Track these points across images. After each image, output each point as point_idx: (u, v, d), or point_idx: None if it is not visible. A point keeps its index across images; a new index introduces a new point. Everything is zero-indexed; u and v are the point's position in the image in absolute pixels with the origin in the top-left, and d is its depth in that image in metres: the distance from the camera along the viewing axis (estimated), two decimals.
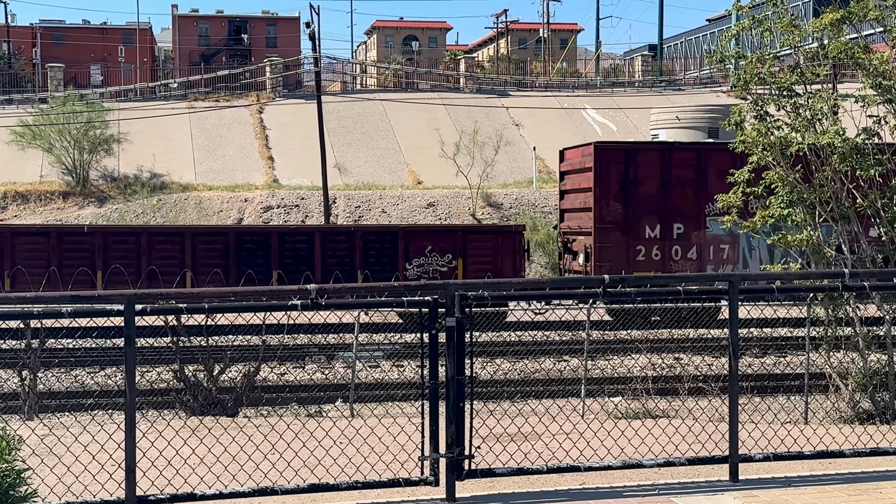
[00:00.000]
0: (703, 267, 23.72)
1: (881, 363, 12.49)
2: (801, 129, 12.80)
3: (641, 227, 24.06)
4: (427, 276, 24.05)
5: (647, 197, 24.06)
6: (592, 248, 24.03)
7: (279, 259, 23.89)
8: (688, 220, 24.01)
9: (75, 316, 6.30)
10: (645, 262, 23.86)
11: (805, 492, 6.74)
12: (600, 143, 26.02)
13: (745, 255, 24.07)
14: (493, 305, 20.23)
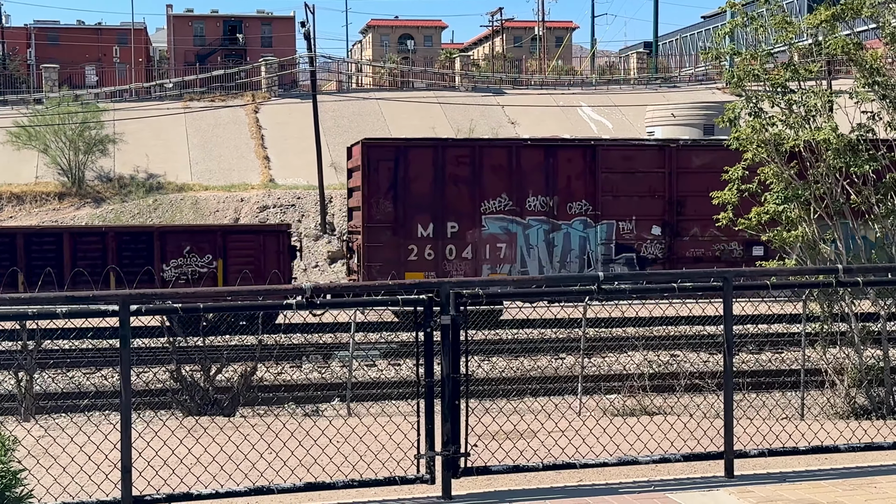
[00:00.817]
0: (478, 266, 23.12)
1: (876, 359, 12.51)
2: (795, 125, 12.82)
3: (414, 226, 23.35)
4: (185, 277, 23.18)
5: (419, 195, 23.36)
6: (362, 247, 23.37)
7: (26, 260, 22.66)
8: (462, 219, 23.39)
9: (70, 317, 6.30)
10: (417, 262, 23.20)
11: (800, 487, 6.76)
12: (369, 139, 25.29)
13: (522, 255, 23.57)
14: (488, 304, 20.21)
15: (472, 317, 7.82)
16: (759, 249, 22.73)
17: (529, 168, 23.47)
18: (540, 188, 23.44)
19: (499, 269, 23.19)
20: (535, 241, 23.30)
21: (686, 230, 23.57)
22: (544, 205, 23.45)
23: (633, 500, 6.52)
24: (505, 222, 23.36)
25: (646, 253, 23.44)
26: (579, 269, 23.30)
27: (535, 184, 23.45)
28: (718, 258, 23.28)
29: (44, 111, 47.49)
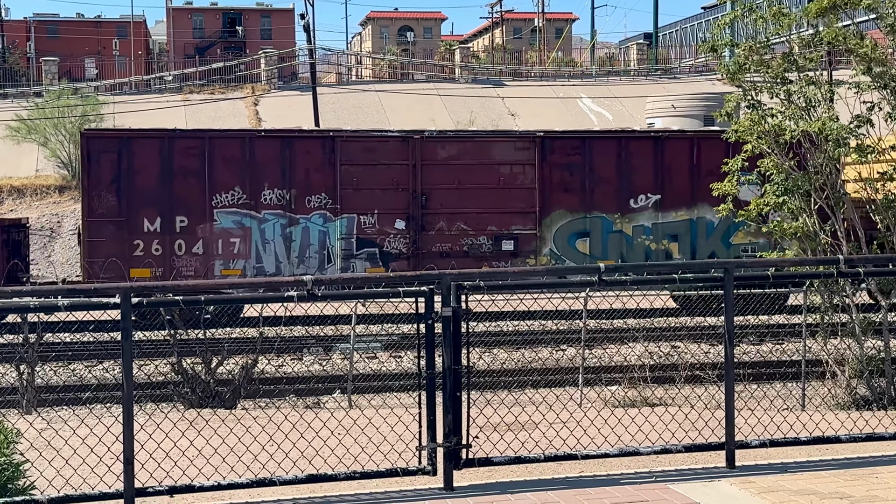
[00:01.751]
0: (210, 262, 22.38)
1: (877, 349, 12.52)
2: (794, 116, 12.81)
3: (139, 221, 22.37)
4: None
5: (145, 188, 22.41)
6: (83, 243, 22.49)
7: None
8: (193, 213, 22.48)
9: (71, 309, 6.31)
10: (143, 257, 22.28)
11: (801, 477, 6.77)
12: (89, 130, 23.91)
13: (258, 250, 22.69)
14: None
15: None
16: (509, 244, 22.65)
17: (265, 160, 22.69)
18: (276, 181, 22.64)
19: (232, 265, 22.46)
20: (272, 235, 22.57)
21: (432, 224, 22.88)
22: (281, 198, 22.64)
23: (634, 490, 6.53)
24: (239, 216, 22.55)
25: (389, 248, 22.78)
26: (319, 264, 22.58)
27: (271, 177, 22.66)
28: (467, 253, 22.72)
29: (43, 104, 47.42)
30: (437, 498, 6.44)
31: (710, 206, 22.31)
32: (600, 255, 22.86)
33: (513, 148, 23.17)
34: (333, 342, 19.16)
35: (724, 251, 22.90)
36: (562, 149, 23.09)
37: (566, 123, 49.77)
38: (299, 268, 22.31)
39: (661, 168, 23.09)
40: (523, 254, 22.84)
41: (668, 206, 23.11)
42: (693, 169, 22.98)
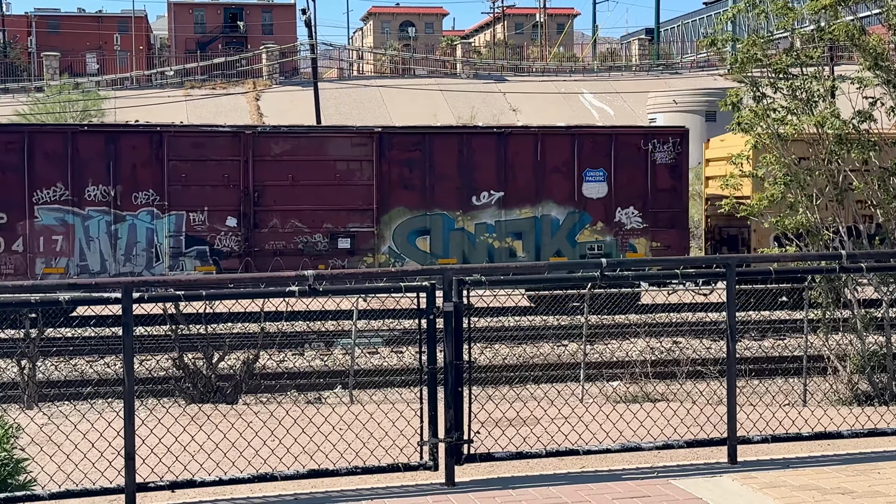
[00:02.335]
0: (31, 260, 21.64)
1: (879, 345, 12.51)
2: (797, 111, 12.79)
3: None
4: None
5: None
6: None
7: None
8: (13, 210, 21.67)
9: (73, 304, 6.30)
10: None
11: (803, 472, 6.76)
12: None
13: (82, 248, 21.97)
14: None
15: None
16: (345, 242, 22.35)
17: (89, 156, 22.01)
18: (101, 177, 21.99)
19: (55, 263, 21.81)
20: (96, 233, 21.95)
21: (265, 222, 22.37)
22: (106, 195, 21.98)
23: (636, 486, 6.52)
24: (61, 213, 21.87)
25: (220, 245, 22.24)
26: (146, 262, 22.04)
27: (95, 173, 21.98)
28: (302, 251, 22.32)
29: (45, 99, 47.44)
30: (438, 493, 6.44)
31: (556, 203, 22.63)
32: (441, 253, 22.45)
33: (349, 144, 22.60)
34: (335, 337, 19.15)
35: (570, 249, 22.65)
36: (401, 144, 22.64)
37: (568, 118, 49.76)
38: (125, 266, 21.75)
39: (504, 165, 22.63)
40: (360, 252, 22.42)
41: (511, 204, 22.67)
42: (537, 166, 22.65)
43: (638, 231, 22.86)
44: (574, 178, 22.75)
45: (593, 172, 22.81)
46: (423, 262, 22.03)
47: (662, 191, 22.88)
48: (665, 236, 22.87)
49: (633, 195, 22.85)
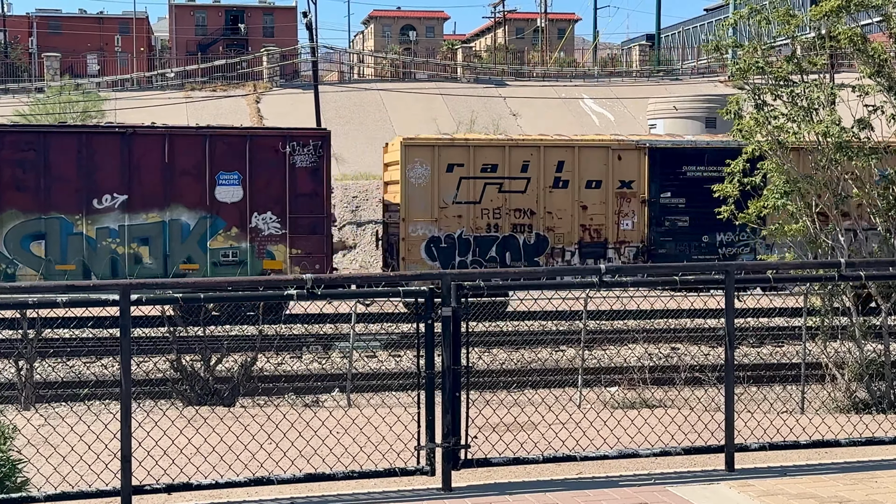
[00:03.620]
0: None
1: (877, 353, 12.50)
2: (797, 118, 12.79)
3: None
4: None
5: None
6: None
7: None
8: None
9: (70, 306, 6.29)
10: None
11: (801, 481, 6.74)
12: None
13: None
14: (490, 295, 20.07)
15: (473, 308, 7.80)
16: None
17: None
18: None
19: None
20: None
21: None
22: None
23: (633, 493, 6.51)
24: None
25: None
26: None
27: None
28: None
29: (45, 100, 47.44)
30: (435, 498, 6.42)
31: (186, 207, 21.87)
32: (59, 258, 21.62)
33: None
34: (333, 341, 19.14)
35: (202, 255, 22.02)
36: (14, 144, 21.58)
37: (568, 124, 49.76)
38: None
39: (129, 166, 21.73)
40: None
41: (137, 208, 21.78)
42: (166, 168, 21.81)
43: (276, 237, 22.13)
44: (206, 182, 21.93)
45: (227, 175, 22.15)
46: (37, 268, 21.22)
47: (303, 196, 22.19)
48: (306, 243, 22.17)
49: (271, 200, 22.12)
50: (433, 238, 22.51)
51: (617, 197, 23.09)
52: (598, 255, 23.01)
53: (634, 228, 23.19)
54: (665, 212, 23.29)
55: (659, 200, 23.21)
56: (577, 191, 22.95)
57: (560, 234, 23.00)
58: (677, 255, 23.01)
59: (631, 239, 23.20)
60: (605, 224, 23.06)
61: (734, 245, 23.37)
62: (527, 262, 22.70)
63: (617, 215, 23.09)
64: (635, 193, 23.15)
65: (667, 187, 23.28)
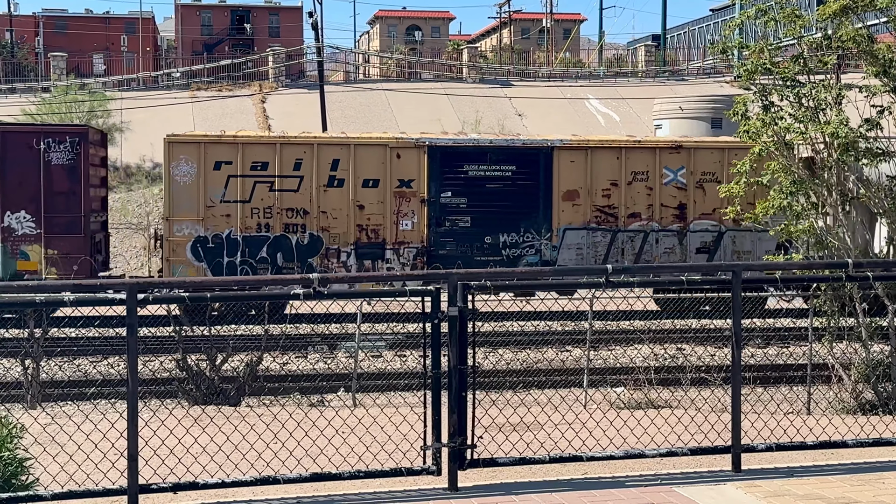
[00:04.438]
0: None
1: (884, 354, 12.48)
2: (804, 119, 12.78)
3: None
4: None
5: None
6: None
7: None
8: None
9: (77, 304, 6.29)
10: None
11: (808, 482, 6.73)
12: None
13: None
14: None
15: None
16: None
17: None
18: None
19: None
20: None
21: None
22: None
23: (639, 493, 6.50)
24: None
25: None
26: None
27: None
28: None
29: (51, 99, 47.51)
30: (441, 498, 6.42)
31: None
32: None
33: None
34: (338, 340, 19.15)
35: None
36: None
37: (574, 124, 49.75)
38: None
39: None
40: None
41: None
42: None
43: (31, 237, 21.44)
44: None
45: None
46: None
47: (60, 194, 21.52)
48: (63, 243, 21.44)
49: (25, 198, 21.36)
50: (200, 238, 21.82)
51: (396, 196, 22.40)
52: (377, 256, 22.45)
53: (414, 229, 22.50)
54: (446, 212, 22.57)
55: (439, 200, 22.49)
56: (354, 190, 22.27)
57: (335, 234, 22.36)
58: (458, 257, 22.45)
59: (410, 239, 22.51)
60: (384, 224, 22.39)
61: (518, 246, 22.78)
62: (300, 264, 22.03)
63: (396, 215, 22.38)
64: (415, 193, 22.46)
65: (448, 187, 22.59)
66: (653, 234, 23.00)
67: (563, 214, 22.82)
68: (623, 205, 22.95)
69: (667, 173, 23.03)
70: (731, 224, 22.54)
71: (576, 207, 22.87)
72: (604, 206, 22.96)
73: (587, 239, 22.91)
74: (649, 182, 23.00)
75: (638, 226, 23.00)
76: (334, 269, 22.30)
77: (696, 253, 23.15)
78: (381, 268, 22.32)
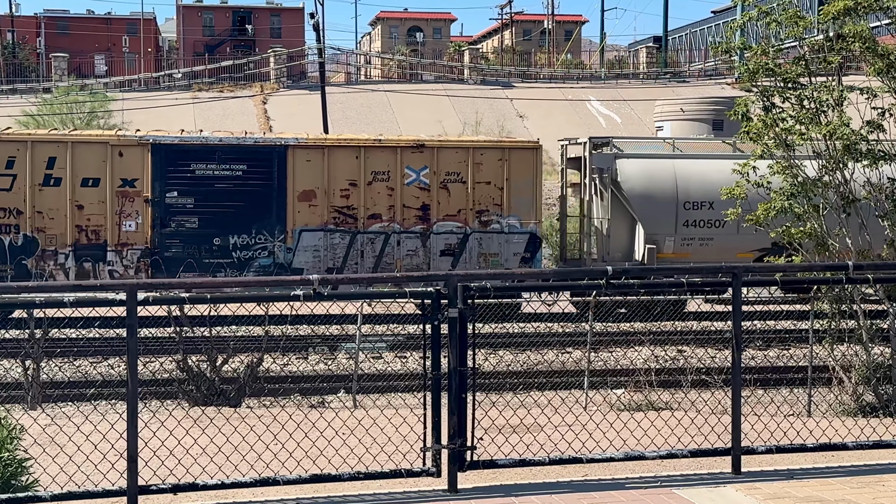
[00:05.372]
0: None
1: (885, 356, 12.47)
2: (805, 120, 12.77)
3: None
4: None
5: None
6: None
7: None
8: None
9: (77, 305, 6.29)
10: None
11: (808, 484, 6.72)
12: None
13: None
14: (497, 297, 19.94)
15: (481, 309, 7.79)
16: None
17: None
18: None
19: None
20: None
21: None
22: None
23: (639, 495, 6.49)
24: None
25: None
26: None
27: None
28: None
29: (52, 100, 47.53)
30: (440, 500, 6.42)
31: None
32: None
33: None
34: (339, 342, 19.14)
35: None
36: None
37: (575, 126, 49.75)
38: None
39: None
40: None
41: None
42: None
43: None
44: None
45: None
46: None
47: None
48: None
49: None
50: None
51: (118, 196, 21.57)
52: (98, 257, 21.60)
53: (138, 230, 21.74)
54: (172, 212, 21.82)
55: (164, 200, 21.74)
56: (72, 189, 21.34)
57: (52, 235, 21.44)
58: (185, 259, 21.75)
59: (134, 241, 21.73)
60: (105, 225, 21.54)
61: (250, 248, 22.20)
62: (13, 266, 21.23)
63: (118, 216, 21.59)
64: (139, 192, 21.69)
65: (173, 186, 21.79)
66: (395, 236, 22.35)
67: (298, 215, 22.15)
68: (363, 206, 22.28)
69: (409, 173, 22.35)
70: (476, 226, 22.35)
71: (312, 208, 22.21)
72: (342, 206, 22.29)
73: (325, 241, 22.22)
74: (391, 182, 22.33)
75: (379, 227, 22.36)
76: (51, 271, 21.41)
77: (441, 255, 22.46)
78: (103, 270, 21.54)
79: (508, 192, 22.72)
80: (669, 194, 23.27)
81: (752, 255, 23.07)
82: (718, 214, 22.76)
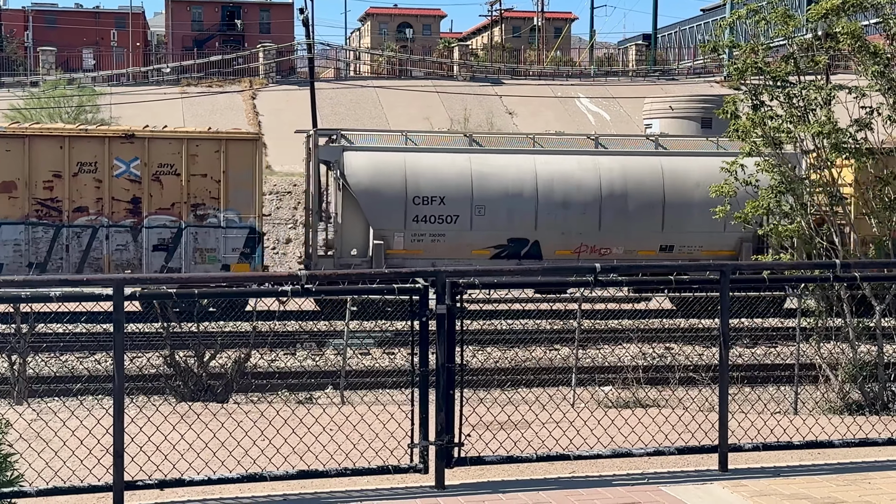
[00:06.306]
0: None
1: (871, 354, 12.51)
2: (793, 119, 12.80)
3: None
4: None
5: None
6: None
7: None
8: None
9: (63, 300, 6.26)
10: None
11: (794, 481, 6.74)
12: None
13: None
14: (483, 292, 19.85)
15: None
16: None
17: None
18: None
19: None
20: None
21: None
22: None
23: (626, 492, 6.50)
24: None
25: None
26: None
27: None
28: None
29: (40, 94, 47.30)
30: (428, 496, 6.41)
31: None
32: None
33: None
34: (326, 338, 19.11)
35: None
36: None
37: (564, 123, 49.76)
38: None
39: None
40: None
41: None
42: None
43: None
44: None
45: None
46: None
47: None
48: None
49: None
50: None
51: None
52: None
53: None
54: None
55: None
56: None
57: None
58: None
59: None
60: None
61: None
62: None
63: None
64: None
65: None
66: (103, 230, 21.80)
67: None
68: (68, 198, 21.58)
69: (118, 165, 21.81)
70: (192, 220, 21.90)
71: (13, 200, 21.43)
72: (46, 199, 21.58)
73: (27, 234, 21.49)
74: (98, 174, 21.71)
75: (86, 220, 21.78)
76: None
77: (154, 250, 21.97)
78: None
79: (226, 185, 22.10)
80: (398, 189, 22.70)
81: (488, 252, 22.65)
82: (450, 209, 22.60)
